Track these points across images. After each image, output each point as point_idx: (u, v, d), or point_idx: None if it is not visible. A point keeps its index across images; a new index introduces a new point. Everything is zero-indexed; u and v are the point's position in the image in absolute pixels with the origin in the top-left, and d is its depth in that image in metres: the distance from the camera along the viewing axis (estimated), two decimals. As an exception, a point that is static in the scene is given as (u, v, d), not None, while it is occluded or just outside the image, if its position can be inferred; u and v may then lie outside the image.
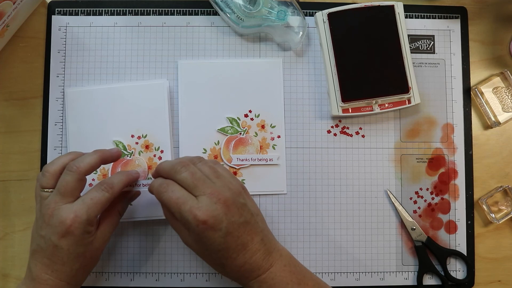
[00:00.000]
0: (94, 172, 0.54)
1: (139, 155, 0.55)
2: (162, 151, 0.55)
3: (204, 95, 0.56)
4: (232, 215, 0.43)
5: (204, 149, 0.55)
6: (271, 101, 0.56)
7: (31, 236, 0.46)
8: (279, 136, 0.56)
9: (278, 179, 0.56)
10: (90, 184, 0.54)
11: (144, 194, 0.54)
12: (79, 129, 0.55)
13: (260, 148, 0.56)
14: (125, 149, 0.55)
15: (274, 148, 0.56)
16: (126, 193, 0.50)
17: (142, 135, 0.55)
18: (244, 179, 0.55)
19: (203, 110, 0.56)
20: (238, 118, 0.56)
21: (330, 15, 0.54)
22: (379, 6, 0.54)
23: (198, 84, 0.56)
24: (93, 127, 0.55)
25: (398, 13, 0.55)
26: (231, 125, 0.56)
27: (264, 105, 0.56)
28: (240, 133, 0.56)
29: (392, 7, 0.54)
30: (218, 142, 0.55)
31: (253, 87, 0.56)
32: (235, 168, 0.55)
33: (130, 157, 0.55)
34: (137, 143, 0.55)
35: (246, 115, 0.56)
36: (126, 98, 0.55)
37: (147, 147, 0.55)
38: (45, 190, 0.46)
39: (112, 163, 0.54)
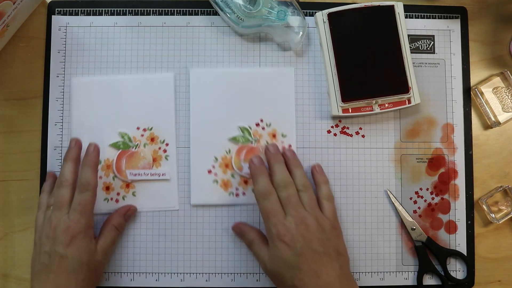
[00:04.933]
0: (98, 162, 0.54)
1: (144, 147, 0.55)
2: (167, 144, 0.55)
3: (216, 104, 0.56)
4: (311, 241, 0.47)
5: (215, 157, 0.55)
6: (283, 110, 0.56)
7: (32, 263, 0.48)
8: (290, 145, 0.56)
9: None
10: (100, 177, 0.54)
11: (148, 187, 0.55)
12: (83, 119, 0.55)
13: None
14: (130, 140, 0.55)
15: None
16: (122, 209, 0.53)
17: (148, 128, 0.55)
18: None
19: (215, 119, 0.56)
20: (249, 127, 0.56)
21: (330, 15, 0.54)
22: (379, 6, 0.54)
23: (210, 93, 0.56)
24: (99, 118, 0.55)
25: (398, 13, 0.54)
26: (242, 134, 0.56)
27: (275, 115, 0.56)
28: (252, 142, 0.56)
29: (392, 7, 0.54)
30: (229, 150, 0.55)
31: (265, 96, 0.56)
32: (246, 177, 0.55)
33: (135, 149, 0.55)
34: (142, 135, 0.55)
35: (257, 124, 0.56)
36: (133, 90, 0.55)
37: (152, 139, 0.55)
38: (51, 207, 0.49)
39: (117, 154, 0.54)
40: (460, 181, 0.57)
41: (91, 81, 0.56)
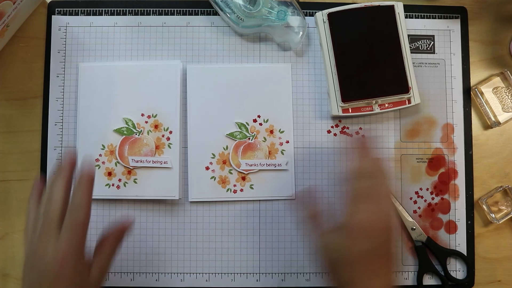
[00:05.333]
0: (102, 148, 0.54)
1: (148, 134, 0.55)
2: (171, 132, 0.55)
3: (213, 100, 0.56)
4: (385, 240, 0.43)
5: (212, 154, 0.55)
6: (280, 106, 0.56)
7: (22, 283, 0.43)
8: (287, 141, 0.56)
9: (286, 184, 0.55)
10: (103, 162, 0.54)
11: (150, 174, 0.55)
12: (89, 104, 0.55)
13: (269, 154, 0.56)
14: (134, 127, 0.55)
15: (282, 153, 0.56)
16: (115, 233, 0.46)
17: (152, 115, 0.55)
18: (252, 184, 0.55)
19: (212, 115, 0.56)
20: (246, 123, 0.56)
21: (330, 15, 0.54)
22: (379, 6, 0.54)
23: (207, 89, 0.56)
24: (104, 103, 0.55)
25: (398, 13, 0.54)
26: (239, 130, 0.56)
27: (272, 110, 0.56)
28: (249, 138, 0.56)
29: (392, 7, 0.54)
30: (227, 147, 0.55)
31: (262, 92, 0.56)
32: (244, 173, 0.55)
33: (138, 135, 0.55)
34: (146, 122, 0.55)
35: (254, 120, 0.56)
36: (139, 76, 0.55)
37: (156, 126, 0.55)
38: None
39: (120, 140, 0.55)
40: (460, 181, 0.57)
41: (98, 66, 0.56)
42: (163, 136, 0.55)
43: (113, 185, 0.55)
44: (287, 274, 0.55)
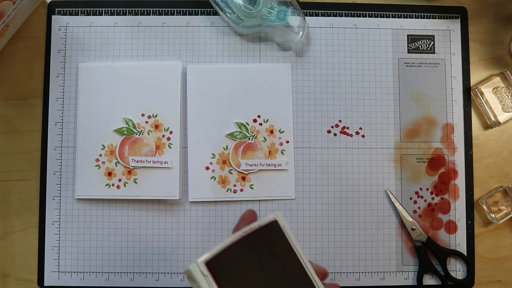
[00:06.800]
0: (102, 148, 0.54)
1: (148, 134, 0.55)
2: (171, 132, 0.55)
3: (213, 100, 0.56)
4: None
5: (212, 154, 0.55)
6: (280, 106, 0.56)
7: None
8: (287, 141, 0.56)
9: (286, 184, 0.56)
10: (103, 162, 0.54)
11: (150, 174, 0.55)
12: (89, 104, 0.55)
13: (269, 153, 0.56)
14: (134, 127, 0.55)
15: (282, 153, 0.56)
16: None
17: (153, 115, 0.55)
18: (252, 184, 0.55)
19: (212, 115, 0.56)
20: (246, 123, 0.56)
21: (209, 264, 0.35)
22: (260, 227, 0.39)
23: (206, 89, 0.56)
24: (104, 103, 0.55)
25: (283, 226, 0.39)
26: (239, 130, 0.56)
27: (272, 110, 0.56)
28: (249, 138, 0.56)
29: (275, 222, 0.39)
30: (227, 147, 0.55)
31: (262, 92, 0.56)
32: (244, 173, 0.55)
33: (139, 135, 0.55)
34: (147, 122, 0.55)
35: (254, 120, 0.56)
36: (139, 76, 0.56)
37: (156, 127, 0.55)
38: None
39: (120, 140, 0.55)
40: (460, 181, 0.57)
41: (98, 66, 0.56)
42: (163, 136, 0.55)
43: (113, 185, 0.55)
44: (287, 274, 0.55)
